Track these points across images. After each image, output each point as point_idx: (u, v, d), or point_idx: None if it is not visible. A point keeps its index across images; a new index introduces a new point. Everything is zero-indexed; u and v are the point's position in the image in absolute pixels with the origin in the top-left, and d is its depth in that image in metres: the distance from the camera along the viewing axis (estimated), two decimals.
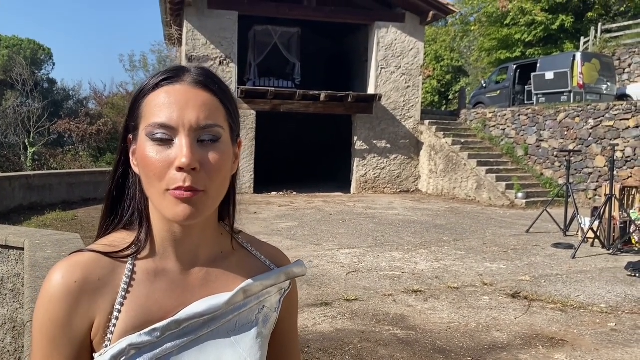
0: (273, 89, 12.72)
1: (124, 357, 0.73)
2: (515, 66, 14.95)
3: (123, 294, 0.76)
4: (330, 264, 5.85)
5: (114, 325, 0.74)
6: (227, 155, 0.76)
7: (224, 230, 0.86)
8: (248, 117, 12.71)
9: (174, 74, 0.76)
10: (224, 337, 0.79)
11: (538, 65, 13.82)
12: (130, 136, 0.78)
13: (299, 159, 17.17)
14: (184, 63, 12.57)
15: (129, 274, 0.77)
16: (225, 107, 0.78)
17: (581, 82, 12.47)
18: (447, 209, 10.74)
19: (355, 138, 13.41)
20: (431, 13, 13.16)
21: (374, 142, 13.48)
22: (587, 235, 6.86)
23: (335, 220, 9.01)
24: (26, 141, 22.29)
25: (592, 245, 7.03)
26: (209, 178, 0.73)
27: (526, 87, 14.26)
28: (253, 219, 8.81)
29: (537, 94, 13.31)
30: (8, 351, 3.85)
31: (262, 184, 13.09)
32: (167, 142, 0.73)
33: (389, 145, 13.58)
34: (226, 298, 0.79)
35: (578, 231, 7.51)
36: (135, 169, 0.78)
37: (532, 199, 10.96)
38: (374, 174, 13.52)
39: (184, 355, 0.76)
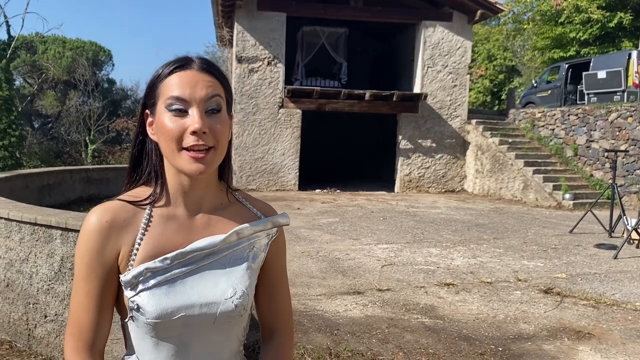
0: (318, 88, 12.96)
1: (142, 277, 0.97)
2: (567, 65, 14.60)
3: (142, 232, 1.00)
4: (367, 257, 6.01)
5: (135, 255, 0.99)
6: (226, 123, 1.01)
7: (223, 187, 1.09)
8: (294, 115, 13.01)
9: (183, 63, 1.00)
10: (220, 268, 1.02)
11: (591, 64, 13.46)
12: (148, 111, 1.02)
13: (344, 158, 17.35)
14: (234, 64, 13.01)
15: (147, 217, 1.02)
16: (223, 86, 1.02)
17: (637, 82, 12.07)
18: (491, 209, 10.67)
19: (400, 137, 13.47)
20: (479, 12, 13.05)
21: (419, 141, 13.50)
22: (632, 236, 6.73)
23: (376, 217, 9.15)
24: (87, 138, 23.49)
25: (638, 246, 6.88)
26: (215, 139, 0.97)
27: (578, 86, 13.91)
28: (296, 214, 9.07)
29: (588, 94, 12.97)
30: (66, 324, 4.23)
31: (307, 181, 13.35)
32: (182, 113, 0.96)
33: (434, 145, 13.57)
34: (222, 237, 1.02)
35: (623, 232, 7.35)
36: (152, 137, 1.02)
37: (580, 200, 10.72)
38: (419, 173, 13.54)
39: (188, 279, 1.00)
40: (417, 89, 13.56)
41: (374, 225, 8.28)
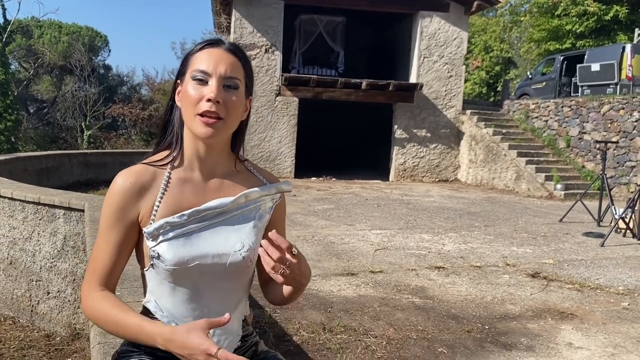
0: (315, 76, 13.06)
1: (162, 230, 1.12)
2: (562, 57, 14.74)
3: (162, 192, 1.16)
4: (361, 242, 6.16)
5: (156, 211, 1.14)
6: (240, 101, 1.16)
7: (234, 157, 1.25)
8: (291, 103, 13.11)
9: (214, 42, 1.16)
10: (231, 225, 1.18)
11: (586, 56, 13.60)
12: (178, 81, 1.18)
13: (340, 147, 17.48)
14: None
15: (167, 179, 1.17)
16: (245, 70, 1.17)
17: (630, 75, 12.23)
18: (484, 198, 10.84)
19: (396, 126, 13.60)
20: (475, 3, 13.15)
21: (414, 130, 13.64)
22: (619, 225, 6.91)
23: (371, 204, 9.30)
24: (83, 124, 23.48)
25: (624, 235, 7.06)
26: (226, 111, 1.12)
27: (573, 79, 14.06)
28: (292, 200, 9.20)
29: (582, 86, 13.13)
30: (69, 301, 4.37)
31: (303, 169, 13.48)
32: (203, 82, 1.12)
33: (429, 134, 13.71)
34: (232, 199, 1.18)
35: (611, 222, 7.53)
36: (178, 103, 1.18)
37: (572, 191, 10.90)
38: (413, 162, 13.69)
39: (202, 233, 1.15)
40: (413, 79, 13.67)
41: (368, 212, 8.44)
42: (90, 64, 24.43)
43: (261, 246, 1.05)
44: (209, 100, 1.09)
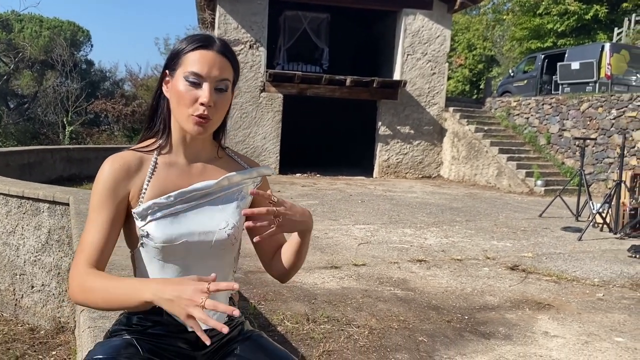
0: (300, 72, 13.09)
1: (150, 210, 1.19)
2: (543, 56, 14.95)
3: (150, 175, 1.23)
4: (344, 237, 6.24)
5: (144, 193, 1.21)
6: (228, 100, 1.25)
7: (216, 144, 1.34)
8: (275, 100, 13.13)
9: (207, 43, 1.22)
10: (215, 205, 1.26)
11: (566, 55, 13.83)
12: (167, 71, 1.24)
13: (324, 144, 17.54)
14: None
15: (154, 163, 1.25)
16: (234, 69, 1.26)
17: (609, 73, 12.47)
18: (465, 194, 10.99)
19: (380, 123, 13.71)
20: (459, 1, 13.29)
21: (398, 127, 13.76)
22: (595, 220, 7.08)
23: (355, 200, 9.39)
24: (64, 120, 23.23)
25: (601, 230, 7.24)
26: (216, 112, 1.21)
27: (553, 77, 14.28)
28: (276, 196, 9.25)
29: (562, 84, 13.35)
30: (53, 294, 4.38)
31: (287, 165, 13.53)
32: (197, 85, 1.19)
33: (412, 131, 13.84)
34: (216, 181, 1.26)
35: (589, 217, 7.70)
36: (166, 93, 1.25)
37: (551, 187, 11.11)
38: (397, 159, 13.82)
39: (189, 213, 1.22)
40: (397, 76, 13.78)
41: (352, 207, 8.52)
42: (72, 59, 24.17)
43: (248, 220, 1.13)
44: (202, 104, 1.17)
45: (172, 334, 1.24)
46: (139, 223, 1.19)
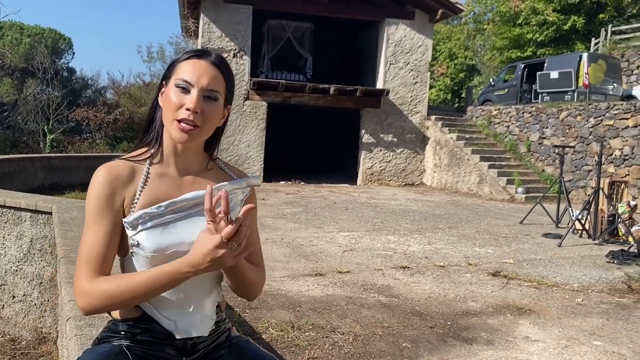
0: (284, 81, 13.15)
1: (141, 220, 1.21)
2: (523, 65, 15.22)
3: (142, 185, 1.25)
4: (329, 244, 6.27)
5: (136, 203, 1.23)
6: (218, 111, 1.26)
7: (207, 156, 1.36)
8: (259, 108, 13.16)
9: (201, 54, 1.26)
10: (204, 216, 1.24)
11: (545, 64, 14.09)
12: (164, 82, 1.27)
13: (309, 151, 17.59)
14: None
15: (146, 173, 1.27)
16: (226, 83, 1.27)
17: (587, 82, 12.74)
18: (448, 201, 11.11)
19: (363, 131, 13.80)
20: (440, 11, 13.49)
21: (381, 135, 13.87)
22: (574, 226, 7.21)
23: (339, 207, 9.44)
24: (45, 128, 22.96)
25: (581, 236, 7.37)
26: (203, 120, 1.23)
27: (533, 86, 14.53)
28: (261, 204, 9.25)
29: (542, 93, 13.60)
30: (35, 304, 4.33)
31: (271, 173, 13.53)
32: (185, 91, 1.22)
33: (395, 139, 13.96)
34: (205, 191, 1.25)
35: (569, 223, 7.84)
36: (161, 103, 1.27)
37: (532, 194, 11.27)
38: (380, 166, 13.91)
39: (179, 223, 1.24)
40: (379, 85, 13.91)
41: (336, 215, 8.56)
42: (54, 66, 23.94)
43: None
44: (187, 109, 1.19)
45: (161, 340, 1.26)
46: (129, 232, 1.21)
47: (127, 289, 1.15)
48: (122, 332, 1.25)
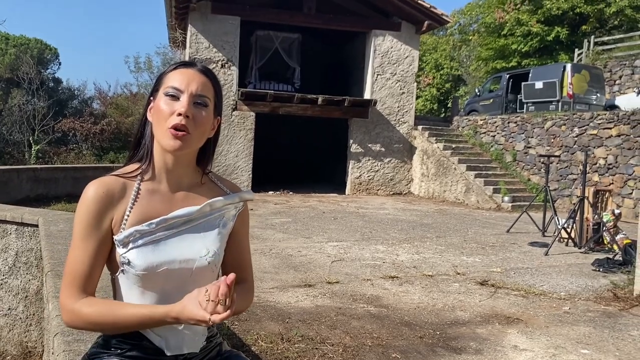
0: (272, 91, 13.19)
1: (132, 238, 1.20)
2: (508, 75, 15.41)
3: (132, 201, 1.24)
4: (318, 254, 6.27)
5: (127, 220, 1.22)
6: (209, 117, 1.26)
7: (200, 170, 1.34)
8: (247, 118, 13.17)
9: (187, 63, 1.27)
10: (196, 232, 1.26)
11: (530, 75, 14.27)
12: (151, 98, 1.27)
13: (297, 161, 17.61)
14: None
15: (136, 190, 1.25)
16: (215, 90, 1.28)
17: (571, 92, 12.92)
18: (435, 210, 11.17)
19: (351, 141, 13.86)
20: (426, 23, 13.64)
21: (369, 145, 13.93)
22: (561, 235, 7.28)
23: (327, 217, 9.45)
24: (30, 139, 22.73)
25: (567, 244, 7.45)
26: (194, 126, 1.22)
27: (518, 96, 14.71)
28: (249, 214, 9.22)
29: (527, 103, 13.77)
30: (20, 318, 4.28)
31: (260, 183, 13.52)
32: (175, 98, 1.22)
33: (383, 149, 14.03)
34: (198, 207, 1.26)
35: (555, 232, 7.92)
36: (150, 118, 1.26)
37: (518, 203, 11.38)
38: (368, 176, 13.96)
39: (170, 241, 1.23)
40: (367, 95, 14.00)
41: (325, 224, 8.57)
42: (39, 76, 23.77)
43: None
44: (179, 114, 1.18)
45: (151, 356, 1.25)
46: (120, 250, 1.20)
47: (109, 321, 1.17)
48: (112, 348, 1.25)
